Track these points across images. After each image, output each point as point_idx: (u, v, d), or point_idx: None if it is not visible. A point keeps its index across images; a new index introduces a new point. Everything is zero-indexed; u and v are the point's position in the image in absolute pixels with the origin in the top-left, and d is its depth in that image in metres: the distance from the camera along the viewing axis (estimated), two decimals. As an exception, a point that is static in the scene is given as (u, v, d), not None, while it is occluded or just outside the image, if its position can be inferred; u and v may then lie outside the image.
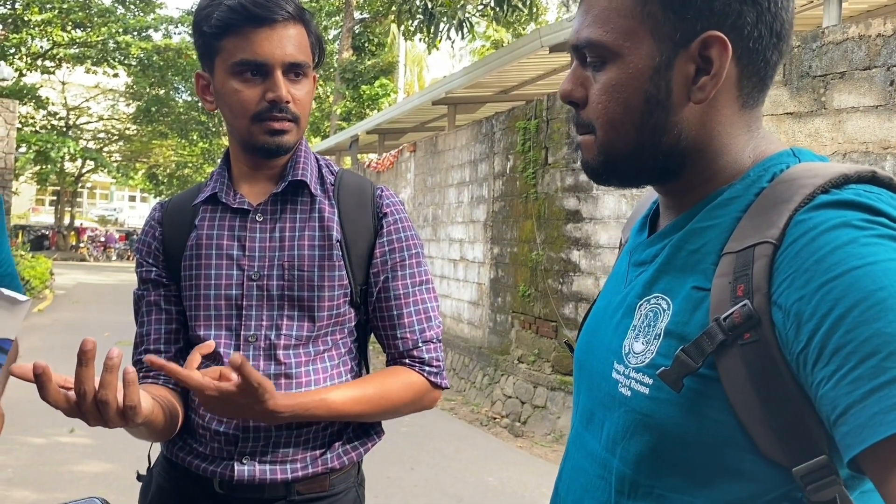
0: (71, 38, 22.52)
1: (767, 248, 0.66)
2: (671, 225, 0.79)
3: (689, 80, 0.73)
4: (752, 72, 0.74)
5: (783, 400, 0.64)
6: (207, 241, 1.31)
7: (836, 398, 0.59)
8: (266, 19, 1.23)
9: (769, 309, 0.65)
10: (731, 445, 0.67)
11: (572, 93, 0.79)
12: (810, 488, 0.63)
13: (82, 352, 0.90)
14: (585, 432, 0.83)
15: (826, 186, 0.67)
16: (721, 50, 0.72)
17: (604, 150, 0.78)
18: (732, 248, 0.69)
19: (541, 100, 6.75)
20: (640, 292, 0.78)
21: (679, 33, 0.72)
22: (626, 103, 0.74)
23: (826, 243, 0.63)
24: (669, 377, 0.68)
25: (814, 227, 0.64)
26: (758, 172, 0.74)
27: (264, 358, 1.27)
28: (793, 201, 0.67)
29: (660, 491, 0.72)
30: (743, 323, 0.65)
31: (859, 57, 4.24)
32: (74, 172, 31.82)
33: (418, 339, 1.34)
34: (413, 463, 5.06)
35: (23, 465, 4.63)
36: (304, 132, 1.33)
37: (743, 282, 0.67)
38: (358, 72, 19.02)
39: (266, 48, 1.23)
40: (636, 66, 0.74)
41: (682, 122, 0.74)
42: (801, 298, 0.62)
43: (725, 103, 0.75)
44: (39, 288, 14.61)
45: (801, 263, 0.64)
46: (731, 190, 0.74)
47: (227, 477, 1.26)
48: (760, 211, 0.70)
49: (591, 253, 6.03)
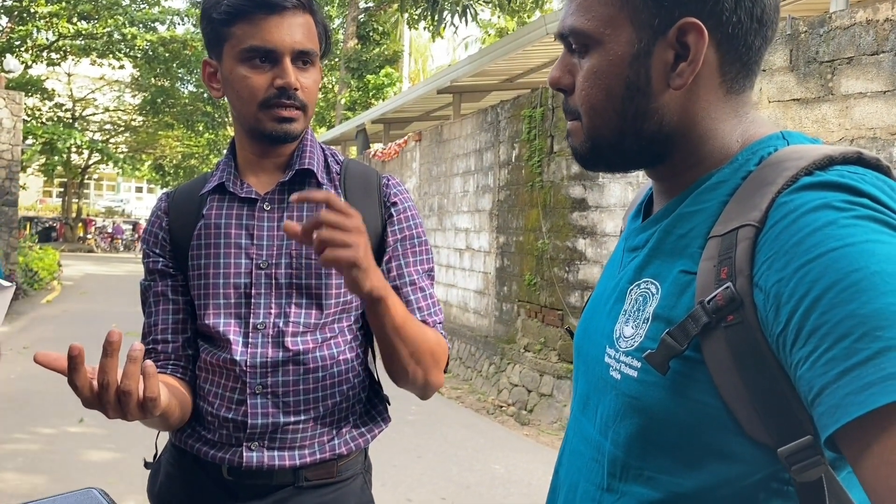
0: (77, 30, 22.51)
1: (750, 231, 0.67)
2: (661, 210, 0.80)
3: (668, 67, 0.74)
4: (734, 57, 0.75)
5: (766, 381, 0.65)
6: (216, 230, 1.32)
7: (812, 379, 0.60)
8: (276, 6, 1.24)
9: (751, 291, 0.66)
10: (716, 427, 0.68)
11: (560, 80, 0.80)
12: (795, 468, 0.64)
13: (108, 343, 0.90)
14: (582, 416, 0.84)
15: (810, 168, 0.68)
16: (697, 36, 0.72)
17: (589, 136, 0.79)
18: (718, 232, 0.70)
19: (546, 88, 6.72)
20: (632, 277, 0.79)
21: (657, 20, 0.73)
22: (608, 90, 0.76)
23: (806, 225, 0.63)
24: (655, 359, 0.69)
25: (795, 210, 0.65)
26: (746, 156, 0.75)
27: (273, 345, 1.28)
28: (776, 184, 0.68)
29: (649, 473, 0.73)
30: (726, 305, 0.66)
31: (867, 42, 4.21)
32: (81, 164, 31.91)
33: (431, 322, 1.33)
34: (420, 451, 5.08)
35: (34, 454, 4.67)
36: (310, 120, 1.34)
37: (726, 264, 0.67)
38: (363, 61, 18.96)
39: (276, 35, 1.24)
40: (616, 53, 0.75)
41: (664, 108, 0.75)
42: (780, 280, 0.63)
43: (708, 89, 0.75)
44: (48, 279, 14.71)
45: (781, 245, 0.64)
46: (719, 174, 0.75)
47: (236, 463, 1.28)
48: (745, 194, 0.70)
49: (597, 241, 6.02)
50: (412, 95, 11.21)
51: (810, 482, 0.64)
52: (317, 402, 1.30)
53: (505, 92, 9.86)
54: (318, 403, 1.31)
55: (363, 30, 19.65)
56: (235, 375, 1.29)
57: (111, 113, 31.82)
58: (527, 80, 9.94)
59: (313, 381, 1.30)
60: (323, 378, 1.31)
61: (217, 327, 1.29)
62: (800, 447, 0.63)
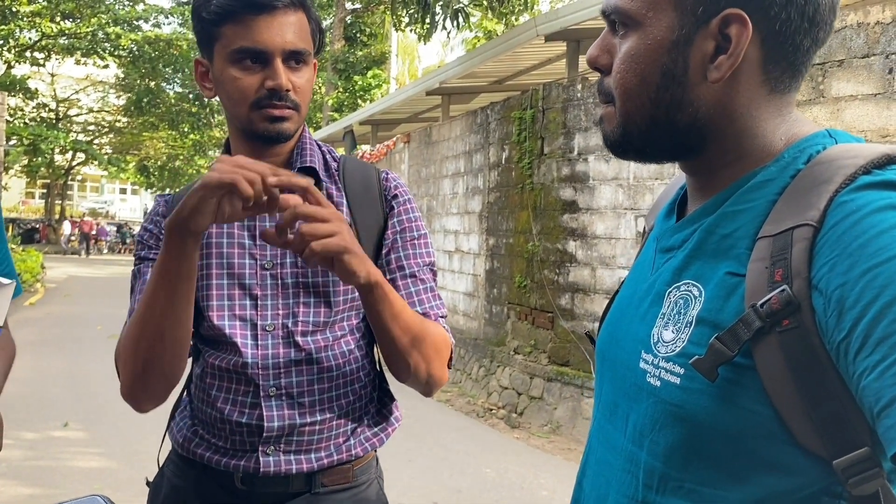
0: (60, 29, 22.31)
1: (807, 231, 0.64)
2: (700, 209, 0.77)
3: (707, 58, 0.71)
4: (779, 56, 0.71)
5: (823, 389, 0.62)
6: (218, 230, 1.29)
7: (881, 389, 0.56)
8: (265, 6, 1.21)
9: (809, 294, 0.62)
10: (767, 437, 0.65)
11: (598, 59, 0.78)
12: (852, 481, 0.61)
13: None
14: (608, 425, 0.80)
15: (868, 167, 0.65)
16: (741, 28, 0.69)
17: (622, 121, 0.76)
18: (769, 232, 0.67)
19: (536, 89, 6.70)
20: (670, 279, 0.75)
21: (701, 8, 0.70)
22: (643, 75, 0.73)
23: (871, 226, 0.60)
24: (703, 366, 0.65)
25: (857, 210, 0.62)
26: (792, 154, 0.71)
27: (283, 345, 1.25)
28: (833, 182, 0.65)
29: (690, 485, 0.69)
30: (782, 309, 0.63)
31: (858, 44, 4.22)
32: (65, 165, 31.61)
33: (433, 315, 1.31)
34: (410, 455, 5.04)
35: (16, 461, 4.58)
36: (304, 119, 1.31)
37: (781, 266, 0.64)
38: (350, 62, 18.92)
39: (266, 35, 1.21)
40: (655, 37, 0.72)
41: (699, 100, 0.72)
42: (843, 284, 0.60)
43: (748, 86, 0.72)
44: (31, 282, 14.53)
45: (844, 247, 0.61)
46: (765, 172, 0.72)
47: (252, 469, 1.24)
48: (798, 193, 0.67)
49: (587, 243, 6.01)
50: (400, 97, 11.17)
51: (866, 496, 0.62)
52: (331, 401, 1.28)
53: (494, 94, 9.84)
54: (334, 403, 1.28)
55: (350, 31, 19.61)
56: (247, 378, 1.25)
57: (95, 114, 31.57)
58: (517, 82, 9.94)
59: (328, 380, 1.27)
60: (337, 377, 1.28)
61: (223, 329, 1.26)
62: (857, 459, 0.61)
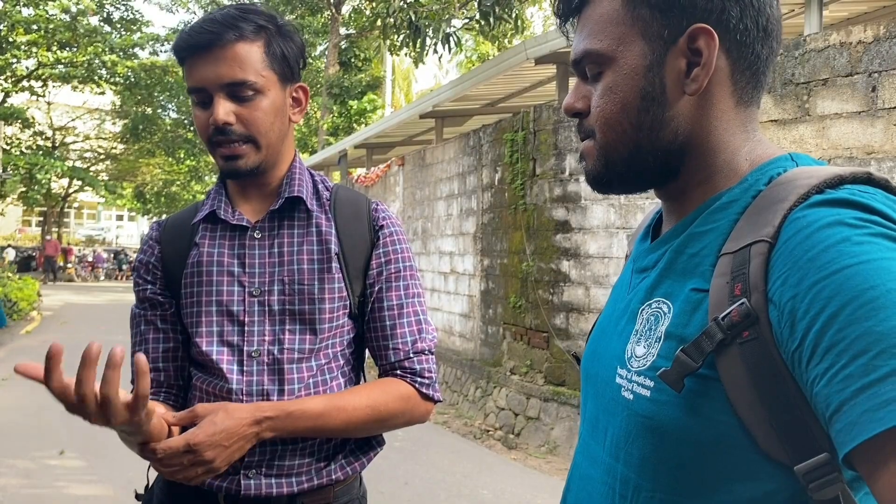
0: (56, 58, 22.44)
1: (763, 247, 0.67)
2: (671, 231, 0.81)
3: (682, 75, 0.76)
4: (743, 65, 0.77)
5: (782, 398, 0.65)
6: (208, 258, 1.33)
7: (829, 396, 0.60)
8: (199, 47, 1.24)
9: (766, 307, 0.66)
10: (732, 445, 0.67)
11: (574, 105, 0.82)
12: (812, 486, 0.63)
13: (87, 353, 0.91)
14: (591, 440, 0.84)
15: (821, 186, 0.68)
16: (708, 39, 0.74)
17: (603, 153, 0.80)
18: (730, 249, 0.70)
19: (527, 111, 6.77)
20: (643, 297, 0.79)
21: (666, 31, 0.76)
22: (623, 102, 0.77)
23: (819, 241, 0.64)
24: (670, 377, 0.69)
25: (808, 225, 0.65)
26: (755, 176, 0.76)
27: (268, 373, 1.28)
28: (787, 200, 0.69)
29: (661, 495, 0.72)
30: (741, 321, 0.66)
31: (841, 64, 4.29)
32: (61, 192, 31.64)
33: (410, 350, 1.34)
34: (407, 477, 5.02)
35: (12, 488, 4.56)
36: (270, 150, 1.30)
37: (740, 281, 0.67)
38: (345, 87, 19.04)
39: (202, 73, 1.25)
40: (630, 66, 0.77)
41: (679, 116, 0.77)
42: (794, 296, 0.63)
43: (720, 97, 0.77)
44: (27, 310, 14.49)
45: (795, 261, 0.64)
46: (730, 194, 0.76)
47: (234, 490, 1.27)
48: (757, 212, 0.71)
49: (580, 263, 6.04)
50: (394, 120, 11.25)
51: (827, 500, 0.63)
52: None
53: (487, 116, 9.92)
54: None
55: (345, 56, 19.74)
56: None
57: (91, 141, 31.63)
58: (508, 105, 10.03)
59: None
60: None
61: (210, 355, 1.29)
62: (817, 464, 0.63)
